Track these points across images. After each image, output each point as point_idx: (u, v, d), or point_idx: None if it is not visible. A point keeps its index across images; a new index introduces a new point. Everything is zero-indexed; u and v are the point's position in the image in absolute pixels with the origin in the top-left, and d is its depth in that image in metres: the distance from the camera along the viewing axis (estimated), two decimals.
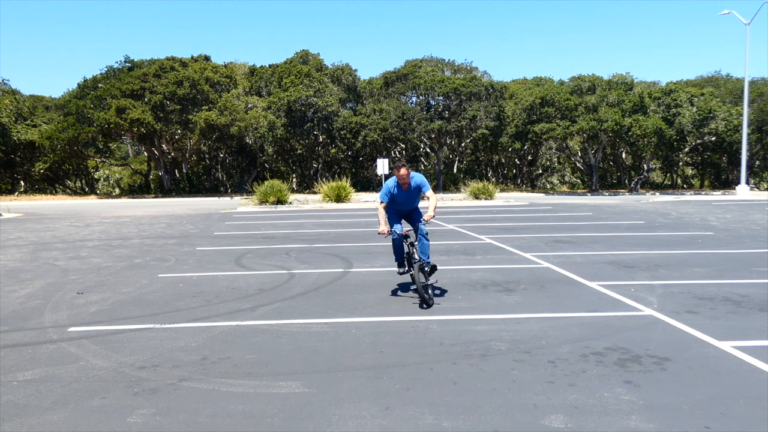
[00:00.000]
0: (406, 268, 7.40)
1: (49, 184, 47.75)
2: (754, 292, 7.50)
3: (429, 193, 7.38)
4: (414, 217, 7.56)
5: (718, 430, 3.68)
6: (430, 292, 7.01)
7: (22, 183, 46.74)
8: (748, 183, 39.86)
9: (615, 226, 15.90)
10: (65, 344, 5.51)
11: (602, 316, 6.39)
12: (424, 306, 6.76)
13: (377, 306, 6.88)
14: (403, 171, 7.13)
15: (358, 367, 4.83)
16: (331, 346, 5.40)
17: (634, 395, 4.22)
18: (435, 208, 7.19)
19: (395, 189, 7.32)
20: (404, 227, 7.47)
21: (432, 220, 7.25)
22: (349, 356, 5.10)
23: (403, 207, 7.50)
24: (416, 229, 7.42)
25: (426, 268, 7.13)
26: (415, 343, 5.46)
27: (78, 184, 51.48)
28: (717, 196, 36.40)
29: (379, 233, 7.21)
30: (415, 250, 7.07)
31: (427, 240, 7.41)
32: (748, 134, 39.13)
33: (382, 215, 7.35)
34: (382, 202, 7.37)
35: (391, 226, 7.33)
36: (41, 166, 44.71)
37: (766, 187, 54.93)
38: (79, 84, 42.71)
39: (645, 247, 11.64)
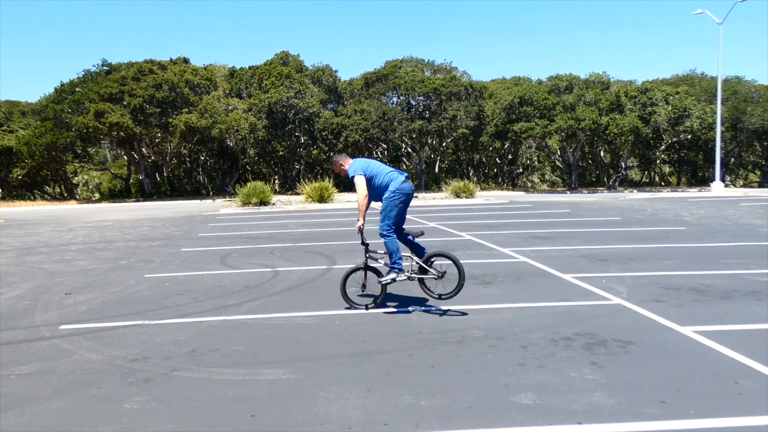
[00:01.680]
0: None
1: (27, 189, 47.25)
2: (718, 283, 7.88)
3: (354, 181, 6.57)
4: None
5: (673, 404, 4.01)
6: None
7: (0, 189, 46.22)
8: (723, 180, 40.79)
9: (591, 223, 16.33)
10: (58, 341, 5.70)
11: (573, 305, 6.73)
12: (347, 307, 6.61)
13: (359, 300, 7.14)
14: (336, 169, 6.84)
15: (342, 354, 5.10)
16: (316, 336, 5.67)
17: (599, 375, 4.54)
18: (360, 208, 6.47)
19: None
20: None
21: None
22: (332, 345, 5.37)
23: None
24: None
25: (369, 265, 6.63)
26: (396, 332, 5.75)
27: (57, 189, 50.98)
28: (693, 193, 37.20)
29: None
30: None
31: (384, 238, 6.60)
32: (722, 132, 40.04)
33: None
34: None
35: None
36: (19, 172, 44.23)
37: (741, 184, 56.16)
38: (56, 88, 42.31)
39: (619, 242, 12.04)
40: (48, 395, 4.31)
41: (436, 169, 49.82)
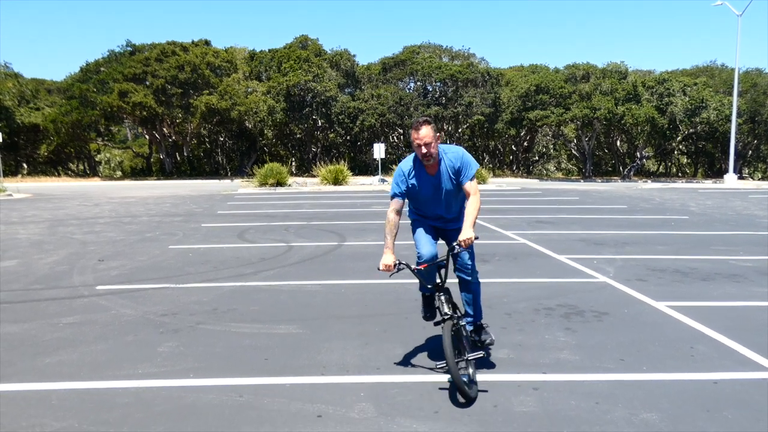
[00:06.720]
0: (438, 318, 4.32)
1: (51, 166, 48.55)
2: (703, 266, 8.41)
3: (469, 185, 4.24)
4: (455, 234, 4.31)
5: (630, 362, 4.61)
6: (469, 378, 3.99)
7: (25, 165, 47.51)
8: (737, 172, 40.67)
9: (597, 210, 16.80)
10: (96, 298, 6.45)
11: (561, 282, 7.33)
12: (463, 400, 3.85)
13: (365, 272, 7.81)
14: (424, 131, 4.05)
15: (345, 316, 5.77)
16: (323, 300, 6.35)
17: (570, 338, 5.15)
18: (475, 217, 4.11)
19: (413, 171, 4.28)
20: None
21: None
22: (337, 308, 6.05)
23: (432, 209, 4.44)
24: (453, 258, 4.34)
25: (465, 332, 4.26)
26: (395, 299, 6.40)
27: (80, 167, 52.28)
28: (706, 184, 37.27)
29: (379, 269, 4.08)
30: (443, 299, 4.27)
31: (474, 279, 4.56)
32: (740, 124, 39.86)
33: (389, 227, 4.21)
34: (392, 198, 4.29)
35: (420, 248, 4.34)
36: (45, 149, 45.46)
37: (759, 177, 55.70)
38: (81, 68, 43.35)
39: (619, 228, 12.55)
40: (92, 339, 5.04)
41: None
